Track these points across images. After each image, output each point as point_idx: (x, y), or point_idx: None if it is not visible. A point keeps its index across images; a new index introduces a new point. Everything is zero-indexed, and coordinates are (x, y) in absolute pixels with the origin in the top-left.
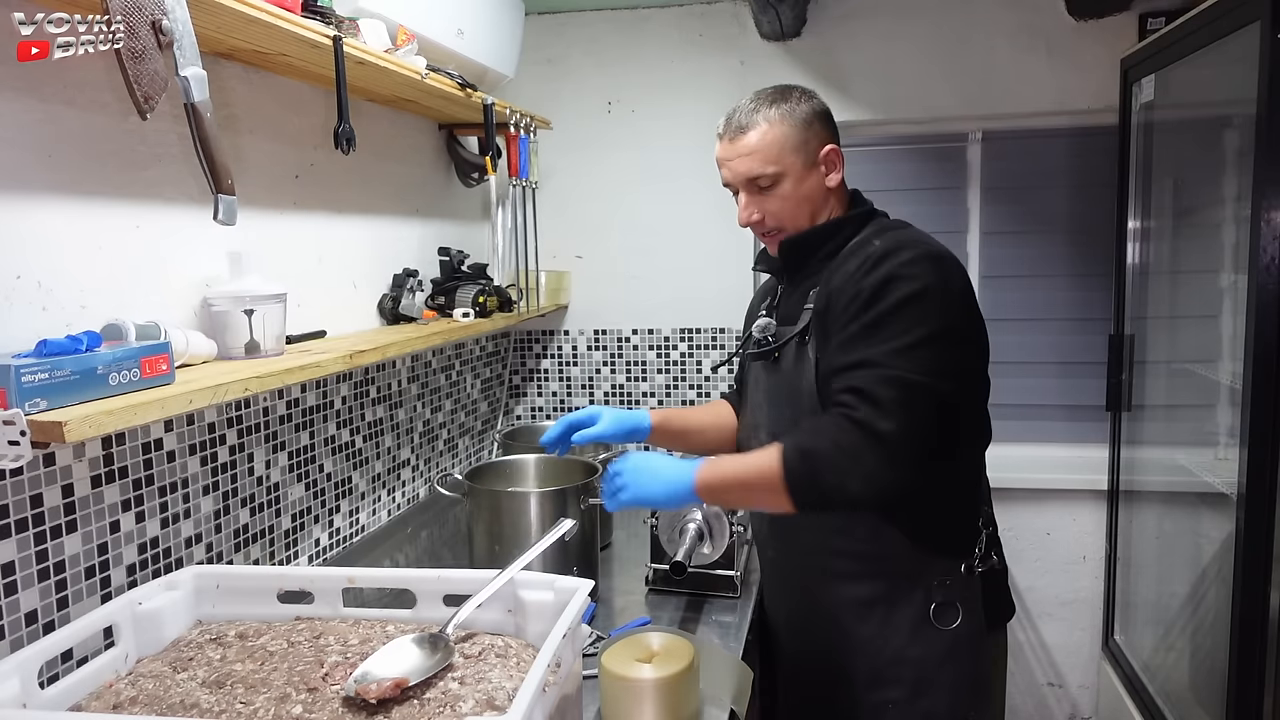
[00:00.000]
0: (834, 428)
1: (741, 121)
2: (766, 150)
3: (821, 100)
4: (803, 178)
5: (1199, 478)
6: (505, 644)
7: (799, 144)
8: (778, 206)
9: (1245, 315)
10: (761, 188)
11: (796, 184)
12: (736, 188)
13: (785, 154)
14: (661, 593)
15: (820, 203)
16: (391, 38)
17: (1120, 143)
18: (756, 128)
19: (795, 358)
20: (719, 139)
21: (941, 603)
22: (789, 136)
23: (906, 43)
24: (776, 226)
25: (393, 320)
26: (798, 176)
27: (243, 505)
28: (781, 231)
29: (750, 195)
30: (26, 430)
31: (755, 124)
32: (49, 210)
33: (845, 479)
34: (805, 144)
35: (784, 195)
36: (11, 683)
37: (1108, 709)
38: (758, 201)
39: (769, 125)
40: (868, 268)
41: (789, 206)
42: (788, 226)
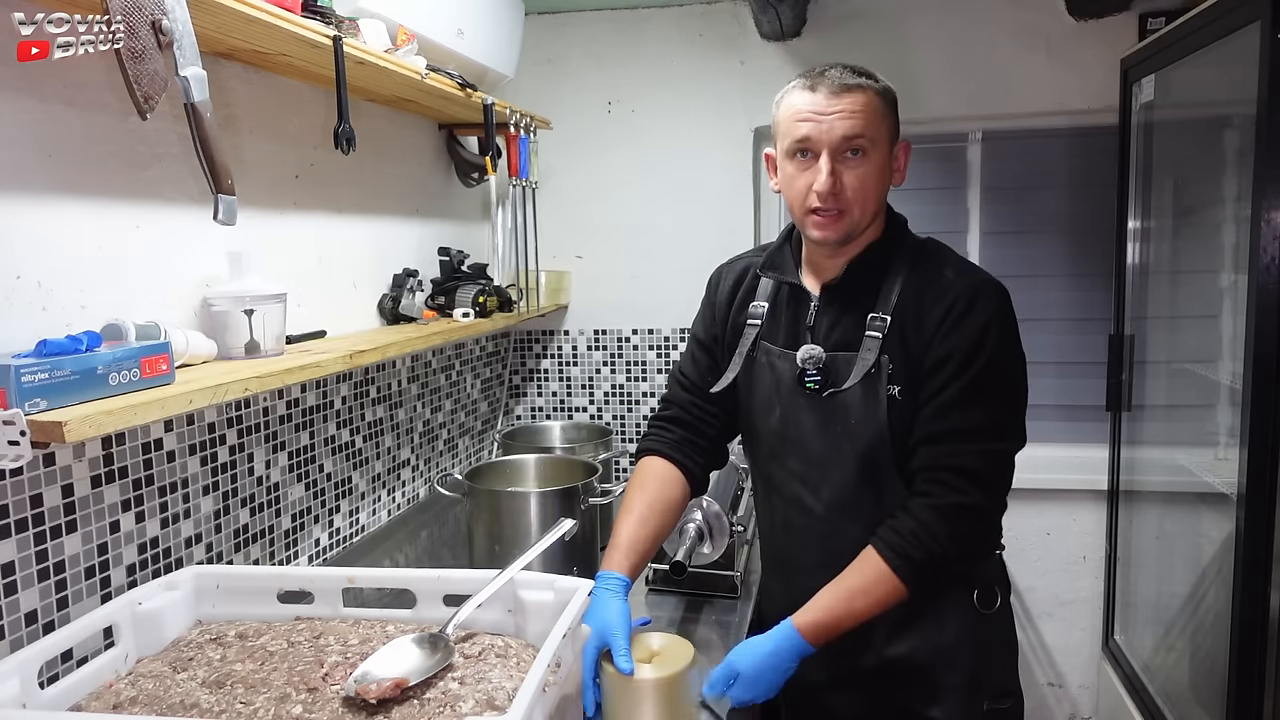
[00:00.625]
0: (946, 518)
1: (846, 80)
2: (870, 115)
3: None
4: (885, 161)
5: (1199, 478)
6: (505, 644)
7: (891, 124)
8: (859, 183)
9: (1245, 315)
10: (853, 152)
11: (880, 164)
12: (821, 148)
13: (881, 127)
14: (661, 593)
15: (883, 198)
16: (391, 38)
17: (1120, 143)
18: (862, 91)
19: (864, 393)
20: (806, 89)
21: (983, 589)
22: (885, 111)
23: (906, 43)
24: (848, 205)
25: (393, 320)
26: (883, 156)
27: (243, 505)
28: (847, 215)
29: (836, 162)
30: (26, 430)
31: (860, 86)
32: (49, 210)
33: (962, 562)
34: (892, 127)
35: (868, 172)
36: (11, 683)
37: (1108, 709)
38: (838, 170)
39: (873, 93)
40: (959, 312)
41: (868, 185)
42: (857, 210)
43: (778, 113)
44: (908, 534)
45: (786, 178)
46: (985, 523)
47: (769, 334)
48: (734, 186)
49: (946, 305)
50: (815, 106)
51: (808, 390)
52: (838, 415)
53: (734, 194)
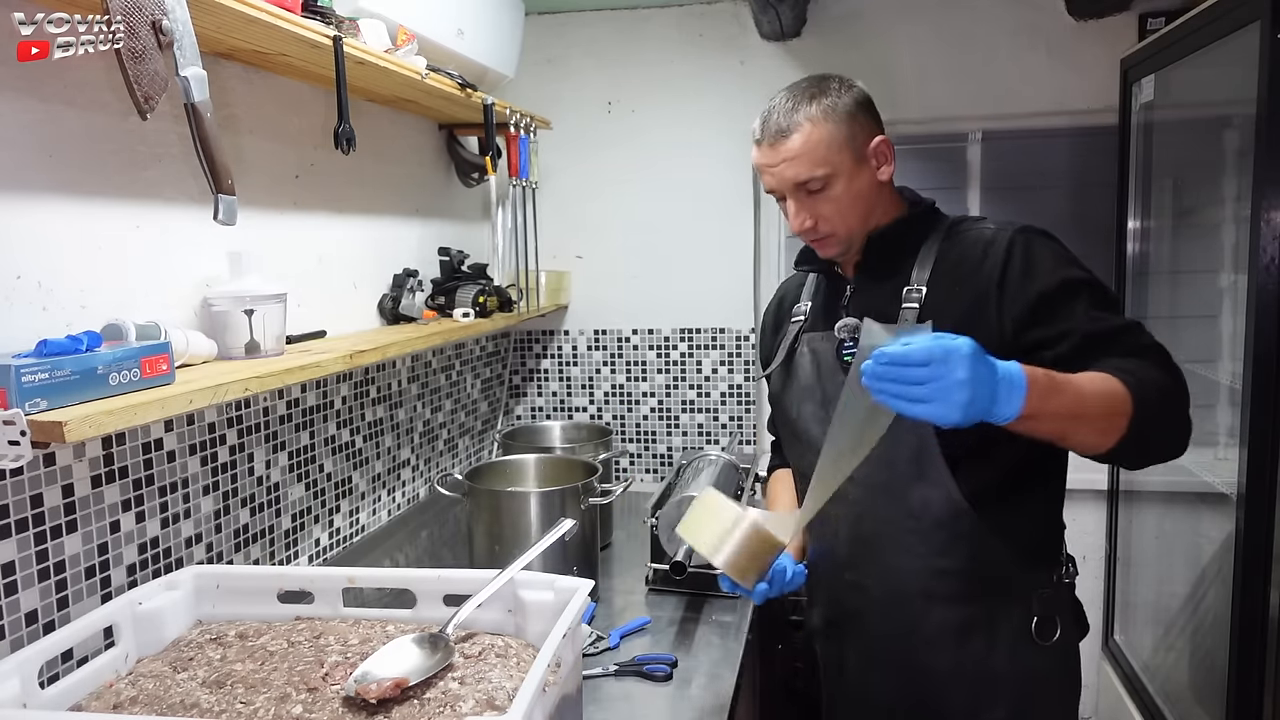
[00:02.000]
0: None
1: (781, 124)
2: (813, 152)
3: (862, 88)
4: (853, 177)
5: (1199, 478)
6: (505, 644)
7: (846, 140)
8: (831, 210)
9: (1245, 315)
10: (811, 192)
11: (849, 183)
12: (784, 194)
13: (833, 153)
14: (661, 592)
15: (874, 200)
16: (391, 38)
17: (1120, 143)
18: (799, 129)
19: None
20: (756, 145)
21: (1043, 617)
22: (834, 134)
23: (907, 43)
24: (830, 231)
25: (393, 320)
26: (849, 175)
27: (243, 505)
28: (834, 236)
29: (799, 201)
30: (26, 430)
31: (797, 125)
32: (49, 210)
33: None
34: (852, 139)
35: (836, 197)
36: (11, 683)
37: (1108, 709)
38: (808, 206)
39: (812, 125)
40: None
41: (842, 208)
42: (840, 230)
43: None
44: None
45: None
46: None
47: (812, 325)
48: (734, 186)
49: (1003, 250)
50: (762, 159)
51: (845, 365)
52: None
53: (734, 194)
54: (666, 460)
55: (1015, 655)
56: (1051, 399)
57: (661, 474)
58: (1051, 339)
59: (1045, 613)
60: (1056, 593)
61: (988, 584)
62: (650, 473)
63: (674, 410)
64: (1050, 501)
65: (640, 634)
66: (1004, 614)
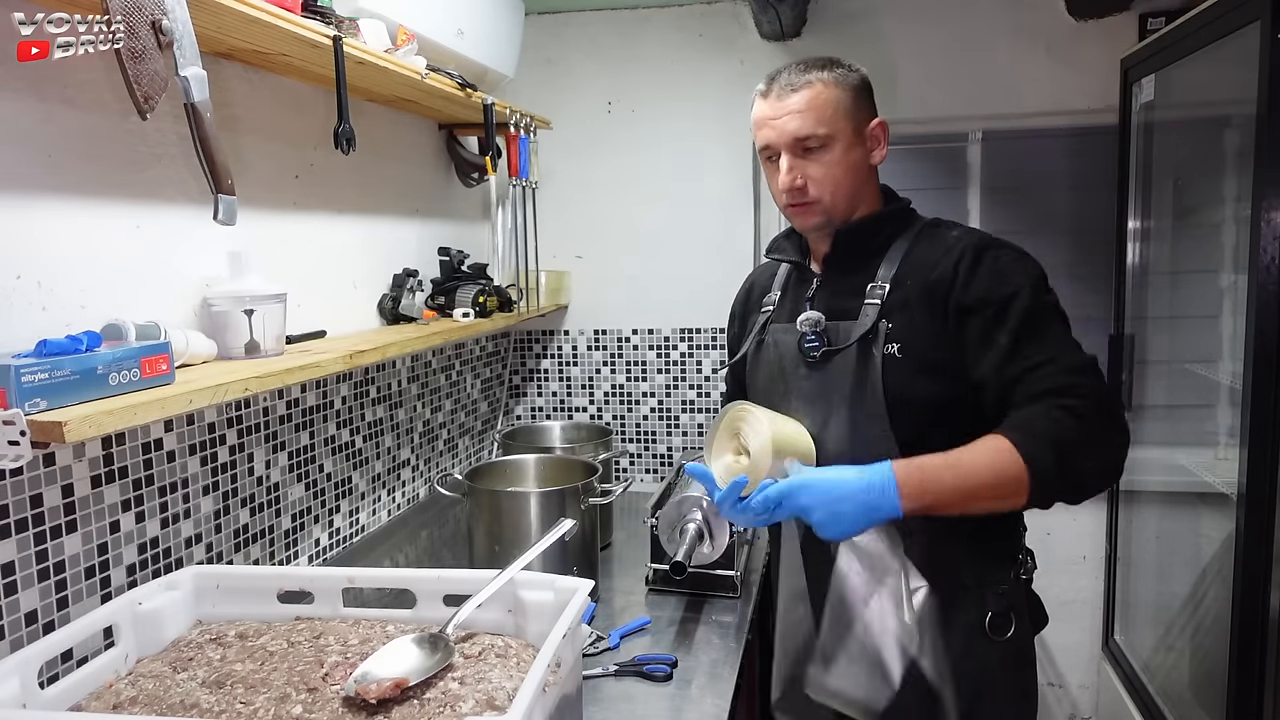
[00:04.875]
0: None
1: (792, 80)
2: (820, 110)
3: (866, 74)
4: (850, 146)
5: (1199, 478)
6: (505, 644)
7: (851, 109)
8: (822, 173)
9: (1245, 315)
10: (808, 149)
11: (845, 152)
12: (779, 149)
13: (838, 117)
14: (661, 593)
15: (863, 180)
16: (391, 38)
17: (1120, 143)
18: (810, 86)
19: (859, 355)
20: (761, 97)
21: (997, 613)
22: (842, 100)
23: (907, 43)
24: (818, 196)
25: (393, 320)
26: (846, 144)
27: (243, 505)
28: (818, 204)
29: (794, 158)
30: (26, 430)
31: (807, 83)
32: (49, 210)
33: (1098, 458)
34: (856, 111)
35: (831, 162)
36: (11, 683)
37: (1108, 709)
38: (800, 166)
39: (823, 85)
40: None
41: (834, 175)
42: (827, 197)
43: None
44: (1023, 419)
45: (767, 176)
46: (1111, 416)
47: (778, 316)
48: (734, 186)
49: (956, 256)
50: (768, 112)
51: (807, 357)
52: (835, 382)
53: (734, 194)
54: (666, 460)
55: (968, 649)
56: (930, 490)
57: (661, 474)
58: (973, 356)
59: (1000, 609)
60: (1013, 589)
61: (941, 580)
62: (650, 473)
63: (674, 410)
64: None
65: (640, 634)
66: (958, 609)
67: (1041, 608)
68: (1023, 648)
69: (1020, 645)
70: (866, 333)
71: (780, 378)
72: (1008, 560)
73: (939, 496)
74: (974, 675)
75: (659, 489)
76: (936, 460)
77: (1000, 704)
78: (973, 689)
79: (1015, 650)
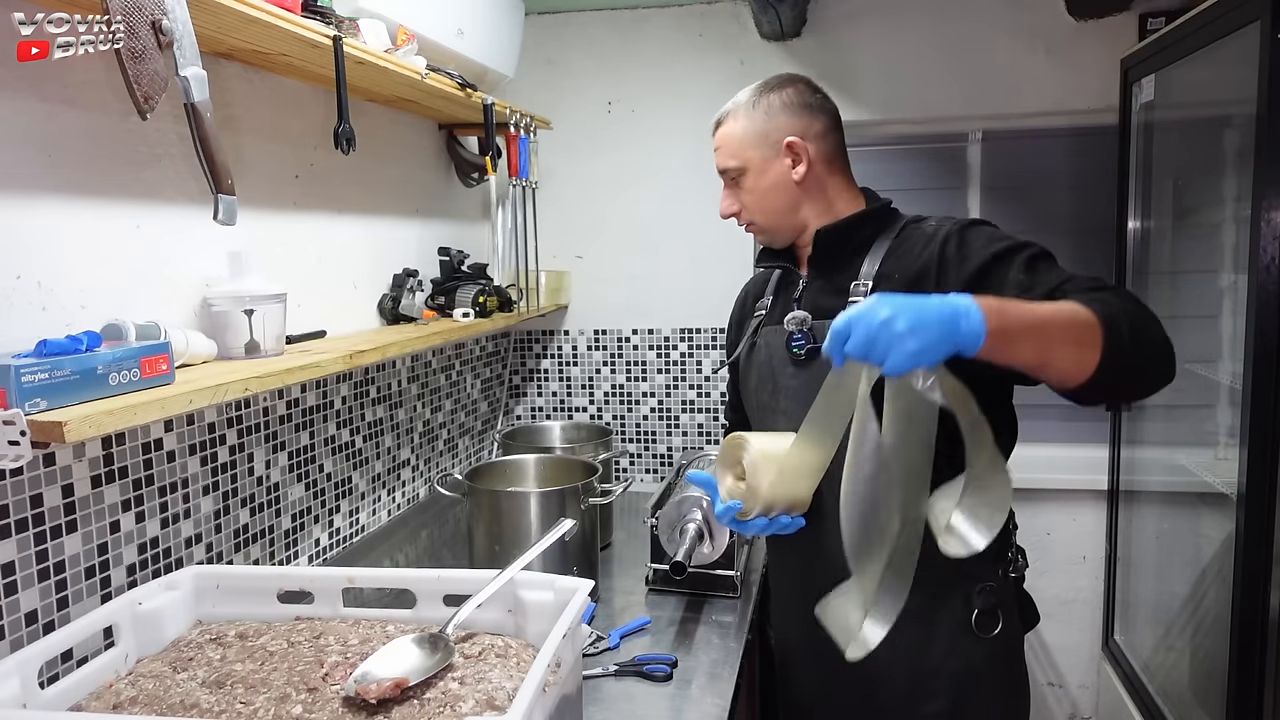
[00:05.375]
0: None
1: (720, 115)
2: (729, 144)
3: (803, 89)
4: (764, 171)
5: (1199, 478)
6: (505, 644)
7: (759, 137)
8: (747, 200)
9: (1245, 315)
10: (733, 179)
11: (757, 178)
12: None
13: (745, 148)
14: (661, 593)
15: (792, 196)
16: (391, 38)
17: (1120, 143)
18: (724, 124)
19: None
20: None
21: (983, 610)
22: (747, 130)
23: (907, 43)
24: (749, 219)
25: (393, 320)
26: (758, 170)
27: (243, 505)
28: (755, 225)
29: (727, 188)
30: (26, 430)
31: (727, 117)
32: (49, 210)
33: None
34: (765, 136)
35: (749, 189)
36: (11, 683)
37: (1108, 709)
38: (733, 194)
39: (734, 121)
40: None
41: (755, 200)
42: (759, 220)
43: None
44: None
45: None
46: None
47: (769, 319)
48: None
49: (941, 241)
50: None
51: (794, 356)
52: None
53: None
54: (666, 460)
55: (954, 647)
56: (1010, 314)
57: (661, 474)
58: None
59: (986, 606)
60: (1000, 587)
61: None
62: (650, 473)
63: (674, 410)
64: None
65: (640, 634)
66: (943, 605)
67: (1033, 606)
68: (1011, 645)
69: (1008, 643)
70: None
71: (770, 377)
72: (995, 558)
73: (1019, 323)
74: (959, 672)
75: (659, 489)
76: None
77: (987, 701)
78: (958, 685)
79: (1003, 648)
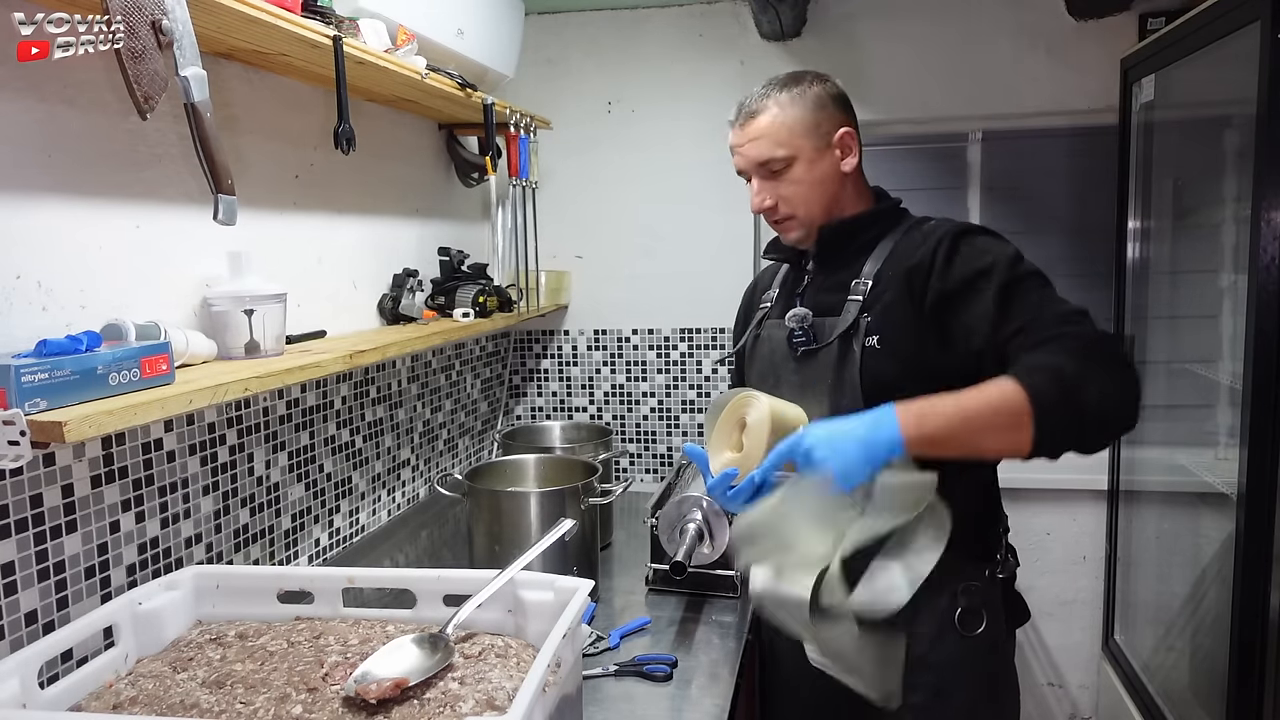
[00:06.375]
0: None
1: (752, 107)
2: (776, 133)
3: (836, 84)
4: (815, 161)
5: (1199, 478)
6: (505, 644)
7: (811, 126)
8: (790, 191)
9: (1245, 315)
10: (773, 172)
11: (809, 168)
12: (749, 174)
13: (796, 136)
14: (661, 593)
15: (836, 188)
16: (391, 38)
17: (1120, 143)
18: (767, 111)
19: (840, 349)
20: (731, 126)
21: (967, 608)
22: (800, 119)
23: (907, 43)
24: (789, 213)
25: (393, 320)
26: (810, 160)
27: (243, 505)
28: (794, 219)
29: (762, 181)
30: (26, 430)
31: (766, 108)
32: (49, 210)
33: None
34: (817, 126)
35: (796, 179)
36: (11, 683)
37: (1108, 709)
38: (770, 187)
39: (779, 108)
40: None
41: (802, 191)
42: (800, 213)
43: None
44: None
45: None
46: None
47: (773, 312)
48: (734, 186)
49: (933, 244)
50: (733, 140)
51: (795, 352)
52: (819, 375)
53: (734, 194)
54: (666, 460)
55: (937, 643)
56: (930, 421)
57: (661, 474)
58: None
59: (971, 605)
60: (986, 586)
61: None
62: (650, 473)
63: (674, 410)
64: (980, 496)
65: (640, 634)
66: (926, 602)
67: (1023, 605)
68: (994, 643)
69: (992, 641)
70: (847, 328)
71: (771, 370)
72: (982, 558)
73: (939, 425)
74: (940, 665)
75: (659, 489)
76: (937, 396)
77: (969, 697)
78: (939, 679)
79: (987, 646)
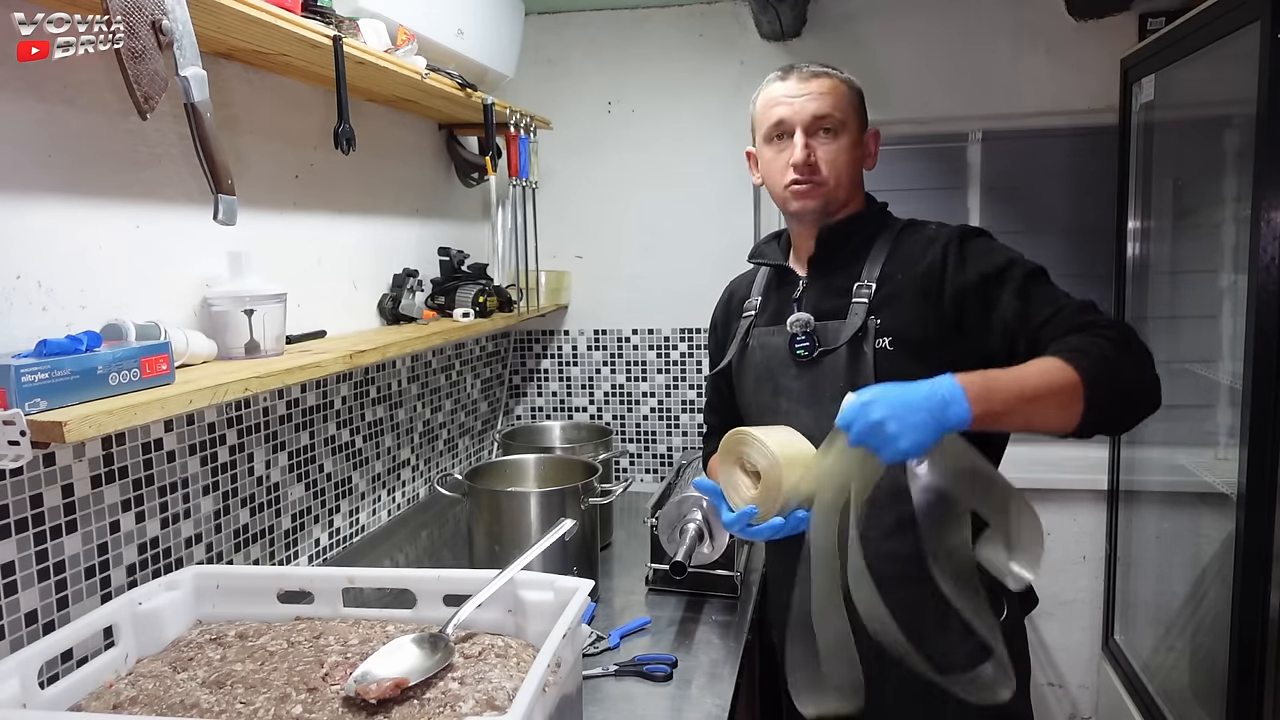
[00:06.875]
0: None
1: (814, 69)
2: (839, 98)
3: None
4: (855, 142)
5: (1199, 478)
6: (505, 644)
7: (859, 110)
8: (832, 157)
9: (1245, 315)
10: (825, 130)
11: (851, 144)
12: (794, 126)
13: (852, 111)
14: (661, 593)
15: (859, 177)
16: (391, 38)
17: (1120, 143)
18: (830, 78)
19: (850, 353)
20: (780, 79)
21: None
22: (855, 99)
23: (907, 43)
24: (825, 177)
25: (393, 320)
26: (853, 137)
27: (243, 505)
28: (823, 186)
29: (810, 138)
30: (26, 430)
31: (829, 74)
32: (49, 210)
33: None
34: (861, 114)
35: (840, 148)
36: (11, 683)
37: (1108, 709)
38: (816, 144)
39: (841, 81)
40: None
41: (841, 161)
42: (832, 180)
43: (755, 107)
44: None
45: (766, 162)
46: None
47: (760, 320)
48: (734, 186)
49: (942, 245)
50: (788, 91)
51: (798, 358)
52: (827, 380)
53: (734, 194)
54: (666, 460)
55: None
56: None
57: (661, 474)
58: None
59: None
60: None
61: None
62: (650, 473)
63: (674, 410)
64: None
65: (640, 634)
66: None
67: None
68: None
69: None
70: (857, 331)
71: (769, 378)
72: None
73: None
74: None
75: (659, 489)
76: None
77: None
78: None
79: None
